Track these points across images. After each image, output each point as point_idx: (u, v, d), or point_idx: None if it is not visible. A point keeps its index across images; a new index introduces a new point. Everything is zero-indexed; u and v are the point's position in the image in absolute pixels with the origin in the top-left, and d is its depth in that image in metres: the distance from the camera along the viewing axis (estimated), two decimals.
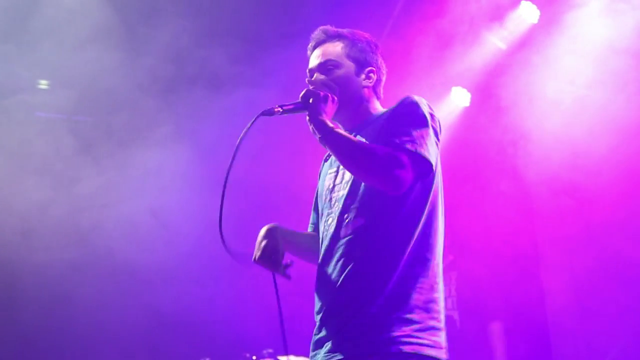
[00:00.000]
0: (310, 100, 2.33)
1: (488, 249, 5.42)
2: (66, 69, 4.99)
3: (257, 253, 2.38)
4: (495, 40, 5.25)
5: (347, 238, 2.28)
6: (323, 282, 2.32)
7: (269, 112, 2.32)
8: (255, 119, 2.29)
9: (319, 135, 2.28)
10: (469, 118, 5.52)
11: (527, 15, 5.09)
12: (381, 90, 2.58)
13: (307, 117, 2.32)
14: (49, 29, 4.81)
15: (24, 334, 5.25)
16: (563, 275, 5.26)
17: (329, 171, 2.51)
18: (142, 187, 5.36)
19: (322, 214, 2.46)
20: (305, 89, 2.38)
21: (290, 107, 2.36)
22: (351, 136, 2.29)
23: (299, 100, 2.36)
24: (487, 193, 5.41)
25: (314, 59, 2.53)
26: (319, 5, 5.20)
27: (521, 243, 5.48)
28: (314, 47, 2.56)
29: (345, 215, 2.31)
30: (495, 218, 5.37)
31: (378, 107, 2.53)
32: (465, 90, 5.51)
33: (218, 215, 2.27)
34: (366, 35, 2.58)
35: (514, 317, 5.50)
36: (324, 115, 2.31)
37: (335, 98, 2.41)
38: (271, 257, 2.34)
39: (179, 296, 5.53)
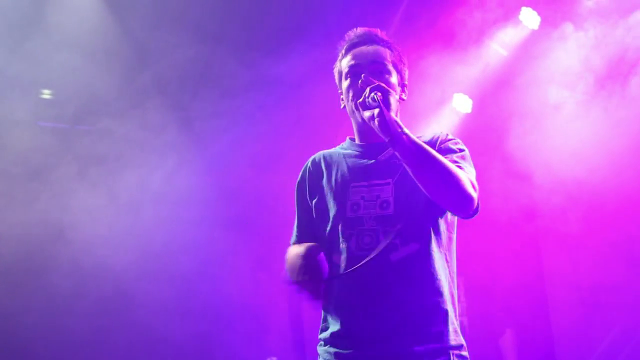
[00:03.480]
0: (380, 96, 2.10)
1: (492, 255, 5.42)
2: (70, 77, 5.00)
3: (300, 274, 2.17)
4: (496, 47, 5.27)
5: (400, 262, 2.18)
6: (366, 304, 2.20)
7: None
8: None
9: (392, 133, 2.04)
10: (471, 124, 5.52)
11: (527, 21, 5.11)
12: None
13: (374, 113, 2.08)
14: (53, 38, 4.82)
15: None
16: (567, 283, 5.26)
17: (352, 184, 2.31)
18: (145, 195, 5.35)
19: (338, 229, 2.28)
20: (377, 82, 2.16)
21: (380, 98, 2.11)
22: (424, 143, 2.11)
23: (368, 93, 2.12)
24: (489, 199, 5.41)
25: (363, 57, 2.34)
26: (320, 12, 5.21)
27: (525, 248, 5.48)
28: (360, 45, 2.37)
29: (395, 238, 2.18)
30: (499, 224, 5.36)
31: None
32: (466, 97, 5.52)
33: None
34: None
35: (519, 324, 5.50)
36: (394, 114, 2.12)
37: (397, 101, 2.24)
38: (314, 278, 2.16)
39: (180, 305, 5.51)
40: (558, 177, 5.02)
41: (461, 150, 2.29)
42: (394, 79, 2.35)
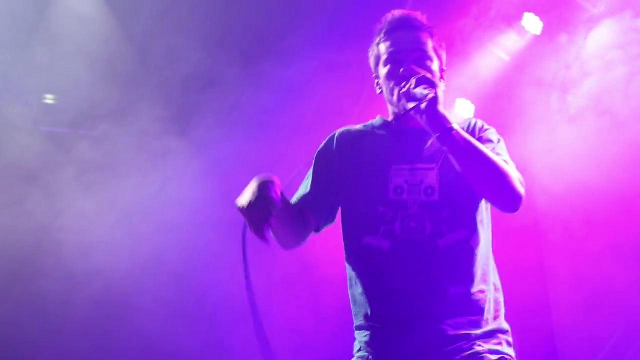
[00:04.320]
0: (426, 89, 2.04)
1: (494, 259, 5.42)
2: (72, 83, 5.00)
3: (247, 200, 1.96)
4: (499, 52, 5.27)
5: (448, 248, 2.13)
6: (411, 288, 2.13)
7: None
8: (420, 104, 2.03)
9: (442, 130, 1.99)
10: None
11: (530, 26, 5.11)
12: None
13: (422, 107, 2.02)
14: (57, 43, 4.83)
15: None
16: (569, 286, 5.26)
17: (394, 166, 2.20)
18: (145, 201, 5.35)
19: (377, 211, 2.17)
20: (422, 73, 2.09)
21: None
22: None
23: (415, 84, 2.04)
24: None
25: (403, 44, 2.24)
26: (321, 14, 5.22)
27: (527, 250, 5.48)
28: (400, 30, 2.27)
29: (443, 225, 2.13)
30: (500, 227, 5.35)
31: None
32: (469, 102, 5.53)
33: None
34: None
35: (522, 328, 5.49)
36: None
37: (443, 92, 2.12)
38: (263, 208, 1.96)
39: (180, 309, 5.51)
40: (559, 180, 5.03)
41: (499, 141, 2.27)
42: (435, 65, 2.26)
